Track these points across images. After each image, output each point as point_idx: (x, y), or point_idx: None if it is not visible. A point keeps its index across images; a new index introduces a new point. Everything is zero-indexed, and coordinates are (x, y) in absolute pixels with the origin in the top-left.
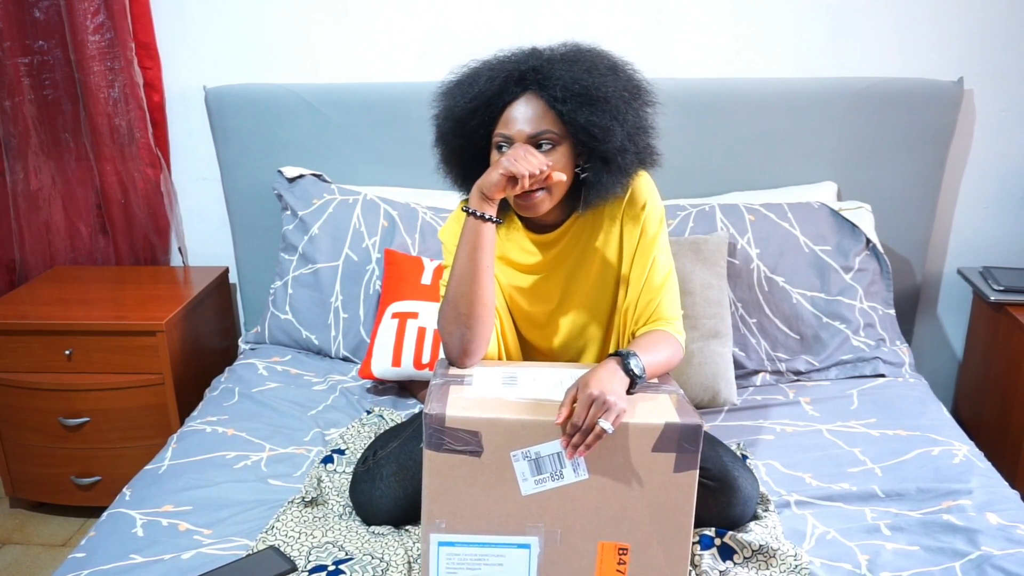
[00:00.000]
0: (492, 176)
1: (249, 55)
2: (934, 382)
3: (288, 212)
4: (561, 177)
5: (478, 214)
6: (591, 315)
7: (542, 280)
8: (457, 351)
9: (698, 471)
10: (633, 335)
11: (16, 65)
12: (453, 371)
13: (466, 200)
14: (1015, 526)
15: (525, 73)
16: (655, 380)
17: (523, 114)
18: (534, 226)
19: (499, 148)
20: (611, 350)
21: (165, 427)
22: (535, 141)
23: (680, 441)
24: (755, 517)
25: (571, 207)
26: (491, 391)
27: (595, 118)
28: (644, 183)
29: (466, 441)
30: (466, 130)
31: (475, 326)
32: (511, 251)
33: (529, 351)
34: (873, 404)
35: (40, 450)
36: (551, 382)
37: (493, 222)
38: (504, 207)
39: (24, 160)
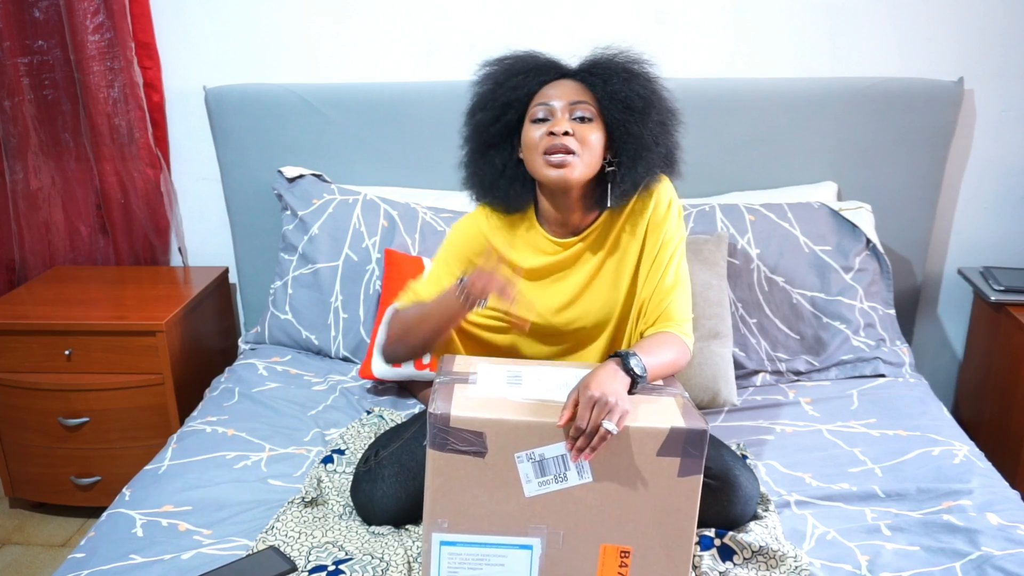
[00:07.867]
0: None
1: (249, 55)
2: (934, 382)
3: (288, 212)
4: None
5: (475, 302)
6: (600, 325)
7: (550, 284)
8: (391, 357)
9: (702, 475)
10: (641, 335)
11: (16, 65)
12: (458, 369)
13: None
14: (1015, 526)
15: (562, 64)
16: (660, 382)
17: (563, 86)
18: (556, 231)
19: (535, 121)
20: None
21: (165, 427)
22: (574, 110)
23: (685, 446)
24: (755, 517)
25: (596, 213)
26: (496, 391)
27: (633, 92)
28: (668, 189)
29: (470, 441)
30: (500, 102)
31: (413, 354)
32: (522, 254)
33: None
34: (873, 404)
35: (40, 450)
36: (556, 382)
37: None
38: (520, 205)
39: (24, 160)
